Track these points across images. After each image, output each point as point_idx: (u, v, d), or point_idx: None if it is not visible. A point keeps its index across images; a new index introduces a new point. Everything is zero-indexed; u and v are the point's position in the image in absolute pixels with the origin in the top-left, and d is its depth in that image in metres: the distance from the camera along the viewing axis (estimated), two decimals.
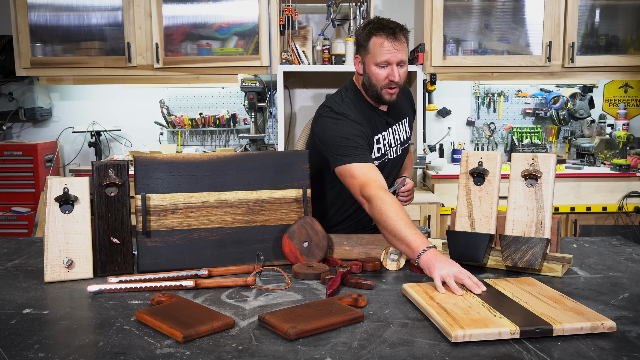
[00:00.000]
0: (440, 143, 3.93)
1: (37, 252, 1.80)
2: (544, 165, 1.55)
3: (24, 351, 1.07)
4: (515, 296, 1.30)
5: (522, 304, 1.24)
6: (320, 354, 1.05)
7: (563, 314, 1.18)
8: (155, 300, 1.31)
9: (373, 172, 1.72)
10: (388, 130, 1.94)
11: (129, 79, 3.59)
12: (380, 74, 1.79)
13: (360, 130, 1.82)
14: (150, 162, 1.63)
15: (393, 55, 1.77)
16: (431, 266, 1.42)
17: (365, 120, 1.87)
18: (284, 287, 1.46)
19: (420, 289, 1.34)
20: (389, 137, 1.94)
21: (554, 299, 1.28)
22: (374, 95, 1.85)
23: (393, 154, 1.97)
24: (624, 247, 1.84)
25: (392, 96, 1.83)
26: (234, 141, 3.99)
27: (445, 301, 1.26)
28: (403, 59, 1.79)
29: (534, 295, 1.30)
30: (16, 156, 3.64)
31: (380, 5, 3.89)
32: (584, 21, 3.56)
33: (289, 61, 3.43)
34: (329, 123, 1.84)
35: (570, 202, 3.35)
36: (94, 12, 3.52)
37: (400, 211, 1.56)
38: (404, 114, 2.01)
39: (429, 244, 1.48)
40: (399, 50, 1.77)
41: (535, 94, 3.93)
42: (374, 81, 1.81)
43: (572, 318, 1.15)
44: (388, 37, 1.76)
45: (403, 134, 2.00)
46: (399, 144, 1.98)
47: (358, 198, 1.70)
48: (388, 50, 1.76)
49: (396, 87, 1.82)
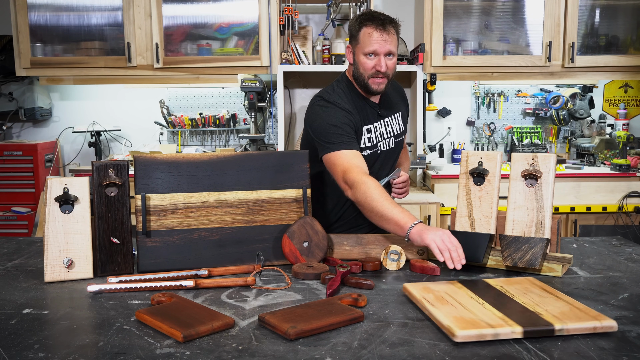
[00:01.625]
0: (440, 143, 3.93)
1: (37, 252, 1.80)
2: (544, 165, 1.55)
3: (24, 351, 1.07)
4: (515, 296, 1.30)
5: (523, 303, 1.24)
6: (320, 354, 1.05)
7: (564, 313, 1.18)
8: (155, 300, 1.31)
9: (357, 159, 1.77)
10: (380, 122, 1.96)
11: (129, 79, 3.59)
12: (367, 63, 1.83)
13: (348, 118, 1.85)
14: (150, 162, 1.63)
15: (381, 45, 1.81)
16: (422, 234, 1.50)
17: (355, 110, 1.90)
18: (284, 287, 1.46)
19: (421, 288, 1.34)
20: (381, 128, 1.96)
21: (553, 298, 1.28)
22: (362, 84, 1.89)
23: (386, 146, 1.99)
24: (624, 247, 1.84)
25: (379, 86, 1.87)
26: (234, 141, 3.99)
27: (447, 301, 1.26)
28: (391, 50, 1.83)
29: (533, 295, 1.30)
30: (16, 156, 3.64)
31: (380, 5, 3.89)
32: (584, 21, 3.56)
33: (289, 61, 3.43)
34: (319, 111, 1.89)
35: (570, 202, 3.35)
36: (94, 12, 3.52)
37: (384, 193, 1.63)
38: (396, 109, 2.04)
39: (417, 219, 1.54)
40: (387, 42, 1.81)
41: (535, 94, 3.94)
42: (361, 70, 1.86)
43: (573, 318, 1.15)
44: (377, 28, 1.81)
45: (396, 127, 2.03)
46: (392, 137, 2.00)
47: (341, 184, 1.75)
48: (376, 41, 1.81)
49: (384, 78, 1.86)
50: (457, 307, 1.22)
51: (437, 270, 1.55)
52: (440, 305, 1.23)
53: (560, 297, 1.28)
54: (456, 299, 1.28)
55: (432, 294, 1.31)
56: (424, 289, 1.34)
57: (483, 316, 1.17)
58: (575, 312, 1.19)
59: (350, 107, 1.89)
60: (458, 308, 1.22)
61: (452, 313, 1.18)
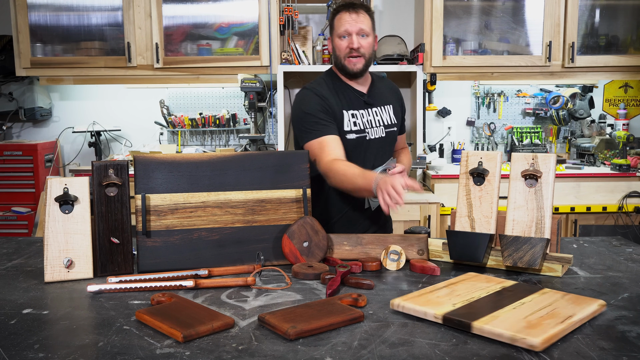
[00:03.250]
0: (440, 143, 3.93)
1: (37, 252, 1.80)
2: (544, 165, 1.55)
3: (24, 351, 1.07)
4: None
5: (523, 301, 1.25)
6: (320, 354, 1.05)
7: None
8: (155, 300, 1.31)
9: (331, 145, 1.87)
10: (367, 109, 2.01)
11: (129, 79, 3.59)
12: (341, 44, 1.93)
13: (322, 104, 1.92)
14: (150, 162, 1.63)
15: (351, 25, 1.91)
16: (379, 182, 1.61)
17: (337, 95, 1.97)
18: (284, 287, 1.46)
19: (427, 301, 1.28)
20: (369, 116, 2.01)
21: (542, 292, 1.30)
22: (340, 67, 1.97)
23: (375, 134, 2.02)
24: (624, 247, 1.84)
25: (355, 65, 1.93)
26: (234, 141, 3.99)
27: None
28: (363, 29, 1.92)
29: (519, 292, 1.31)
30: (16, 156, 3.64)
31: (380, 5, 3.89)
32: (584, 21, 3.56)
33: (289, 61, 3.43)
34: (297, 99, 2.00)
35: (570, 202, 3.35)
36: (94, 12, 3.52)
37: (351, 167, 1.76)
38: (387, 101, 2.09)
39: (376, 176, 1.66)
40: (357, 21, 1.91)
41: (535, 94, 3.94)
42: (337, 53, 1.96)
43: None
44: (347, 11, 1.93)
45: (386, 118, 2.06)
46: (381, 126, 2.03)
47: (322, 173, 1.86)
48: (347, 21, 1.91)
49: (359, 57, 1.93)
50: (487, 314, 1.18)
51: (437, 270, 1.55)
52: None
53: (546, 290, 1.29)
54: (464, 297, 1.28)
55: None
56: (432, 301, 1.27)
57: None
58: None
59: (329, 92, 1.96)
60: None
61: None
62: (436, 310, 1.18)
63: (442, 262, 1.67)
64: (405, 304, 1.23)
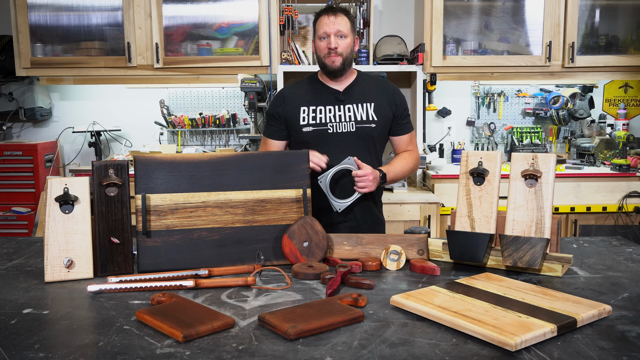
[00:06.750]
0: (440, 143, 3.93)
1: (37, 252, 1.80)
2: (544, 165, 1.55)
3: (24, 351, 1.07)
4: (507, 295, 1.29)
5: (524, 301, 1.24)
6: (320, 354, 1.05)
7: (570, 306, 1.20)
8: (155, 300, 1.31)
9: (268, 145, 2.16)
10: (338, 105, 2.11)
11: (129, 79, 3.59)
12: (321, 45, 2.08)
13: (276, 107, 2.13)
14: (150, 162, 1.63)
15: (329, 27, 2.04)
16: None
17: (305, 92, 2.13)
18: (284, 287, 1.46)
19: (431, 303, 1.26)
20: (339, 112, 2.10)
21: (543, 292, 1.30)
22: (322, 66, 2.10)
23: (341, 128, 2.09)
24: (624, 247, 1.84)
25: (333, 63, 2.06)
26: (234, 141, 3.99)
27: (461, 310, 1.21)
28: (340, 30, 2.05)
29: (522, 292, 1.31)
30: (16, 156, 3.64)
31: (380, 5, 3.89)
32: (584, 21, 3.56)
33: (289, 61, 3.43)
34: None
35: (570, 202, 3.35)
36: (94, 12, 3.52)
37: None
38: (367, 99, 2.14)
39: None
40: (335, 23, 2.04)
41: (535, 94, 3.94)
42: (318, 53, 2.09)
43: (579, 308, 1.17)
44: (327, 14, 2.06)
45: (360, 114, 2.11)
46: (352, 121, 2.10)
47: None
48: (325, 24, 2.05)
49: (337, 56, 2.05)
50: (482, 315, 1.16)
51: (437, 270, 1.55)
52: (474, 319, 1.15)
53: (546, 291, 1.29)
54: (461, 305, 1.24)
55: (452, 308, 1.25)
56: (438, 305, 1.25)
57: (515, 320, 1.14)
58: (573, 302, 1.22)
59: (297, 91, 2.14)
60: (483, 316, 1.16)
61: (486, 322, 1.12)
62: (546, 326, 1.12)
63: (442, 262, 1.67)
64: (525, 337, 1.10)
